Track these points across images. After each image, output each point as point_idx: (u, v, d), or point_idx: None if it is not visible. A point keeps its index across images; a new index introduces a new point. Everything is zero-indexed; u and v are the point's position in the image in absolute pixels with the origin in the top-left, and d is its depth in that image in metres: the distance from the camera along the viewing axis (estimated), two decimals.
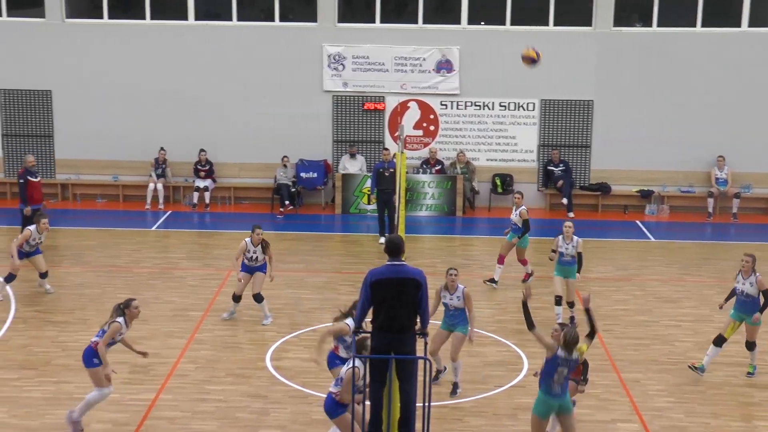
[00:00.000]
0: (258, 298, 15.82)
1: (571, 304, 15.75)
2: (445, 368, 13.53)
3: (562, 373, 10.66)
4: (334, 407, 10.97)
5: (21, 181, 19.51)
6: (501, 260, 18.04)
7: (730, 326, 13.82)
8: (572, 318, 15.61)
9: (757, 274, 13.65)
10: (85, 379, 13.22)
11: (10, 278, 16.70)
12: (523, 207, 17.74)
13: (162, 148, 24.39)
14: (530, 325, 10.85)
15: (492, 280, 17.99)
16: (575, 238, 15.75)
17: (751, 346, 13.92)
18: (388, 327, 10.51)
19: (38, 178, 19.89)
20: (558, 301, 15.73)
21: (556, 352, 10.65)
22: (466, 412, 12.57)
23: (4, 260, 19.34)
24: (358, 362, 10.57)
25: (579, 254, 15.72)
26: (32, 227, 16.77)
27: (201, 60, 24.53)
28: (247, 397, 12.90)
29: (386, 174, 21.17)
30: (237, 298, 15.98)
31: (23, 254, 16.80)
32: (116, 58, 24.57)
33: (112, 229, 21.71)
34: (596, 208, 24.61)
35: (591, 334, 10.95)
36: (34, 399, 12.72)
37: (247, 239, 15.87)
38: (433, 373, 13.13)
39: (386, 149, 22.18)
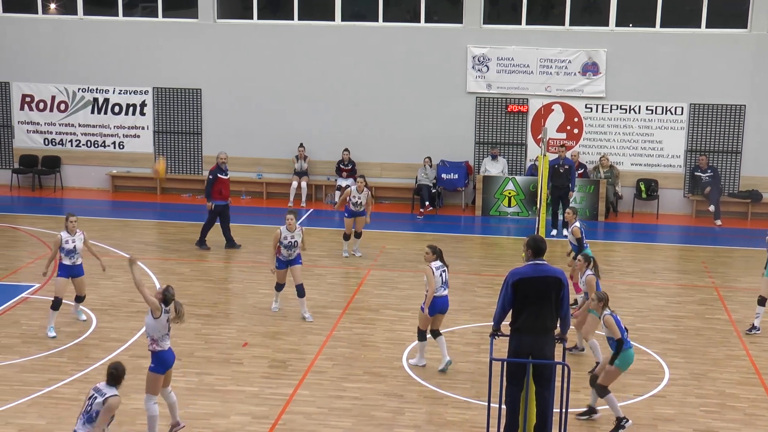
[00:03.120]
0: (358, 235, 19.47)
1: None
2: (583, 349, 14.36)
3: None
4: None
5: (210, 177, 19.98)
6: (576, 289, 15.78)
7: None
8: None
9: None
10: (224, 372, 13.55)
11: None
12: (576, 224, 16.07)
13: (301, 144, 24.77)
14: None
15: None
16: (571, 225, 16.08)
17: None
18: (530, 328, 10.43)
19: (228, 176, 20.29)
20: None
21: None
22: (604, 421, 12.31)
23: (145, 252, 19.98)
24: None
25: (579, 240, 15.92)
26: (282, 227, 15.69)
27: (346, 60, 24.82)
28: (383, 395, 12.95)
29: (561, 170, 21.54)
30: (347, 237, 19.45)
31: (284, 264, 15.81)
32: (264, 57, 25.11)
33: (256, 226, 22.14)
34: (746, 216, 23.81)
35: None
36: (178, 389, 13.00)
37: (353, 186, 19.24)
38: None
39: (562, 146, 22.22)
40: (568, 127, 24.43)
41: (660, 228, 23.35)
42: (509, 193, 23.69)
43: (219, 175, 19.92)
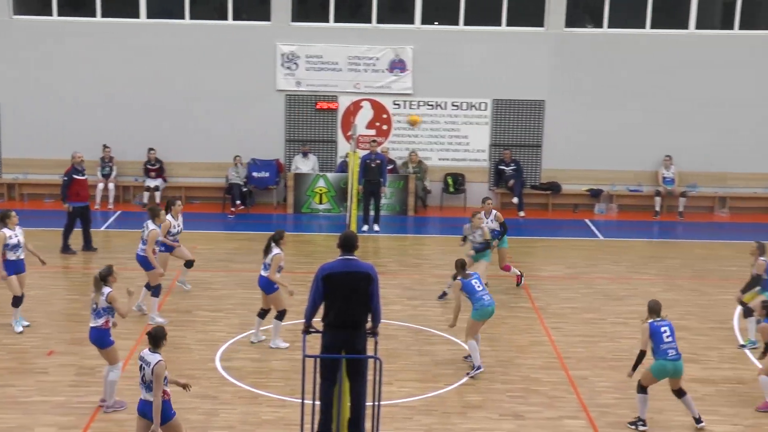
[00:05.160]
0: (189, 264, 17.20)
1: None
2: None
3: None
4: None
5: (65, 178, 19.32)
6: (508, 268, 17.98)
7: None
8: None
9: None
10: (27, 382, 13.07)
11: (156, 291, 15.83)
12: (495, 211, 17.83)
13: (106, 146, 24.12)
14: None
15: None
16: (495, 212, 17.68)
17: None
18: (340, 323, 10.52)
19: (85, 176, 19.72)
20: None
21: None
22: (416, 411, 12.58)
23: None
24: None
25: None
26: (168, 217, 16.28)
27: (152, 58, 24.32)
28: (196, 398, 12.78)
29: (372, 165, 21.89)
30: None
31: (169, 249, 16.53)
32: (65, 55, 24.30)
33: (61, 230, 21.34)
34: (546, 207, 24.79)
35: None
36: None
37: (168, 216, 16.35)
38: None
39: (374, 140, 22.52)
40: (377, 124, 24.78)
41: (467, 221, 23.89)
42: (320, 190, 23.82)
43: (75, 176, 19.32)
